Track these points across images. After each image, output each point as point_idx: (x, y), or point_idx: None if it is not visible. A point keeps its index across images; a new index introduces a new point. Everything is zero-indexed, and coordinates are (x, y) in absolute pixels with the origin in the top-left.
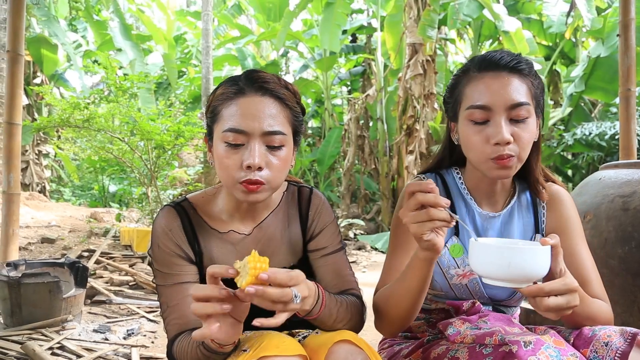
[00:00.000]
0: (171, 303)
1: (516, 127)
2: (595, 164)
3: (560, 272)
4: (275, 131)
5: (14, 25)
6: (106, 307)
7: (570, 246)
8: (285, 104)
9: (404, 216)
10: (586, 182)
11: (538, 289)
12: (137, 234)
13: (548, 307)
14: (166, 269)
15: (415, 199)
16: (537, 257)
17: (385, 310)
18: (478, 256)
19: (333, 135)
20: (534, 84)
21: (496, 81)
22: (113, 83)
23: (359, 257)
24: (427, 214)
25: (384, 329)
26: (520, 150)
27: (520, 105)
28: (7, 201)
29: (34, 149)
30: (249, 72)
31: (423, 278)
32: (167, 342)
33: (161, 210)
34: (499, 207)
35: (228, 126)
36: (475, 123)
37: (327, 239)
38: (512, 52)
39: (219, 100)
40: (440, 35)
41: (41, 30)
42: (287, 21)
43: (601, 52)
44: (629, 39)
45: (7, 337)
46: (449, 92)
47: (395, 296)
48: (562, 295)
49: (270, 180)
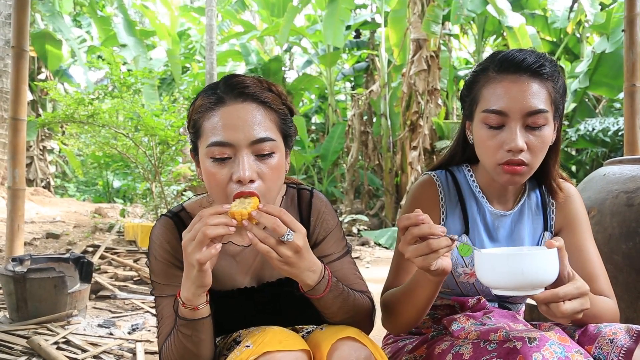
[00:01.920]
0: (166, 314)
1: (531, 135)
2: (599, 159)
3: (568, 275)
4: (262, 138)
5: (18, 20)
6: (111, 302)
7: (578, 242)
8: (270, 108)
9: (405, 252)
10: (590, 178)
11: (552, 294)
12: (142, 229)
13: (564, 312)
14: (163, 280)
15: (411, 234)
16: (548, 260)
17: (393, 315)
18: (487, 267)
19: (336, 131)
20: (555, 88)
21: (515, 86)
22: (117, 79)
23: (362, 253)
24: (428, 246)
25: (391, 329)
26: (533, 158)
27: (537, 112)
28: (13, 196)
29: (38, 145)
30: (227, 77)
31: (431, 294)
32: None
33: (158, 220)
34: (509, 206)
35: (211, 140)
36: (490, 127)
37: (331, 245)
38: (536, 52)
39: (198, 112)
40: (444, 31)
41: (45, 26)
42: (291, 16)
43: (606, 47)
44: (634, 35)
45: (13, 332)
46: (466, 89)
47: (402, 306)
48: (576, 298)
49: (264, 193)
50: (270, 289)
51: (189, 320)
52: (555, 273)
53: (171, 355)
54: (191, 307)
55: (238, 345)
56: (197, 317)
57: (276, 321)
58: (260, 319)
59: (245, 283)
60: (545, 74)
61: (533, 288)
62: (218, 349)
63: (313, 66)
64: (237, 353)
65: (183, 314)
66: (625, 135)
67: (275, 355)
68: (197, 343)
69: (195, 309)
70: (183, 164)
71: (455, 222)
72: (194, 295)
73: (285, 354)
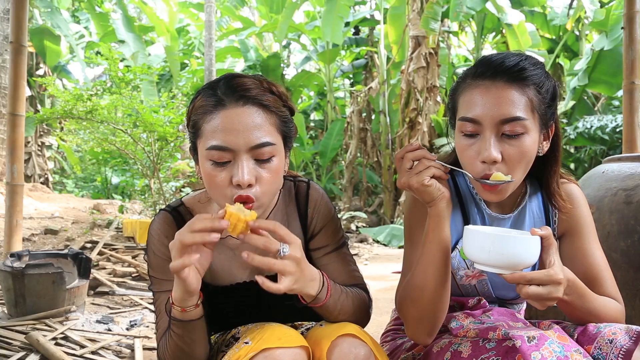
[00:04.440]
0: (163, 309)
1: (507, 144)
2: (597, 157)
3: (550, 263)
4: (262, 143)
5: (17, 16)
6: (109, 298)
7: (582, 246)
8: (270, 111)
9: (402, 178)
10: (589, 176)
11: (520, 276)
12: (140, 225)
13: (527, 294)
14: (161, 275)
15: (407, 159)
16: (527, 246)
17: (413, 302)
18: (470, 243)
19: (335, 127)
20: (540, 93)
21: (489, 92)
22: (115, 75)
23: (361, 250)
24: (422, 163)
25: (419, 329)
26: (510, 170)
27: (512, 120)
28: (11, 192)
29: (36, 141)
30: (227, 78)
31: (442, 240)
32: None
33: (157, 215)
34: (509, 209)
35: (211, 144)
36: (466, 135)
37: (328, 236)
38: (521, 54)
39: (198, 113)
40: (443, 28)
41: (44, 21)
42: (289, 13)
43: (605, 45)
44: (633, 32)
45: (12, 327)
46: (449, 97)
47: (420, 279)
48: (544, 285)
49: (260, 197)
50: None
51: (179, 321)
52: (533, 259)
53: (167, 351)
54: (178, 308)
55: (237, 342)
56: (186, 319)
57: (275, 316)
58: (258, 313)
59: (244, 277)
60: (526, 78)
61: (509, 268)
62: (216, 345)
63: (312, 63)
64: (235, 350)
65: (174, 313)
66: (624, 132)
67: (274, 352)
68: (189, 343)
69: (183, 310)
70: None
71: (456, 223)
72: (182, 299)
73: (284, 350)
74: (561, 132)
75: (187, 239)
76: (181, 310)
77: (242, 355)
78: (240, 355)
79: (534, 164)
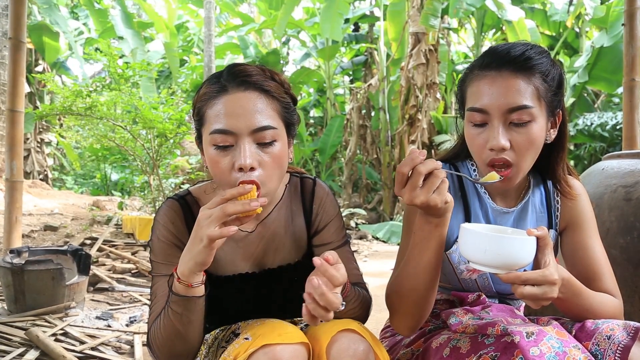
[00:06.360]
0: (160, 293)
1: (515, 133)
2: (597, 154)
3: (545, 263)
4: (264, 126)
5: (15, 12)
6: (109, 295)
7: (583, 240)
8: (272, 96)
9: (416, 197)
10: (589, 172)
11: (515, 276)
12: (140, 222)
13: (522, 294)
14: (162, 259)
15: (418, 173)
16: (523, 246)
17: (401, 299)
18: (466, 241)
19: (335, 124)
20: (546, 81)
21: (496, 82)
22: (114, 71)
23: (360, 247)
24: (436, 176)
25: (402, 323)
26: (518, 157)
27: (520, 108)
28: (10, 189)
29: (35, 137)
30: (230, 66)
31: (438, 246)
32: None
33: (165, 202)
34: (513, 202)
35: (214, 128)
36: (475, 125)
37: (331, 233)
38: (527, 43)
39: (202, 101)
40: (443, 25)
41: (43, 17)
42: (289, 9)
43: (605, 42)
44: (634, 29)
45: (11, 323)
46: (458, 88)
47: (411, 281)
48: (539, 285)
49: (265, 182)
50: (270, 275)
51: (181, 297)
52: (528, 259)
53: (159, 334)
54: (186, 283)
55: (237, 338)
56: (189, 295)
57: (276, 308)
58: (259, 305)
59: (246, 269)
60: (532, 67)
61: (504, 268)
62: (217, 341)
63: (311, 59)
64: (235, 345)
65: (177, 289)
66: (624, 129)
67: (274, 348)
68: (186, 324)
69: (189, 285)
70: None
71: (457, 217)
72: (190, 272)
73: (284, 346)
74: (567, 119)
75: (229, 208)
76: (188, 285)
77: (242, 351)
78: (240, 351)
79: (540, 153)
